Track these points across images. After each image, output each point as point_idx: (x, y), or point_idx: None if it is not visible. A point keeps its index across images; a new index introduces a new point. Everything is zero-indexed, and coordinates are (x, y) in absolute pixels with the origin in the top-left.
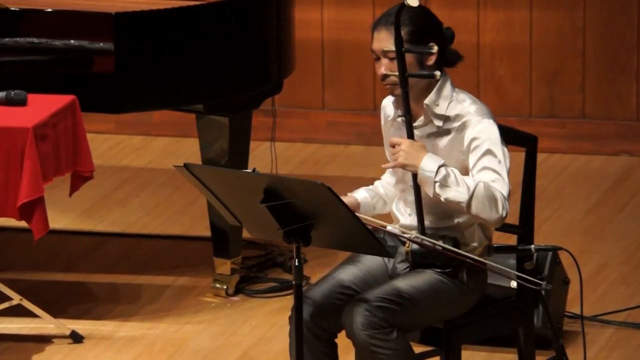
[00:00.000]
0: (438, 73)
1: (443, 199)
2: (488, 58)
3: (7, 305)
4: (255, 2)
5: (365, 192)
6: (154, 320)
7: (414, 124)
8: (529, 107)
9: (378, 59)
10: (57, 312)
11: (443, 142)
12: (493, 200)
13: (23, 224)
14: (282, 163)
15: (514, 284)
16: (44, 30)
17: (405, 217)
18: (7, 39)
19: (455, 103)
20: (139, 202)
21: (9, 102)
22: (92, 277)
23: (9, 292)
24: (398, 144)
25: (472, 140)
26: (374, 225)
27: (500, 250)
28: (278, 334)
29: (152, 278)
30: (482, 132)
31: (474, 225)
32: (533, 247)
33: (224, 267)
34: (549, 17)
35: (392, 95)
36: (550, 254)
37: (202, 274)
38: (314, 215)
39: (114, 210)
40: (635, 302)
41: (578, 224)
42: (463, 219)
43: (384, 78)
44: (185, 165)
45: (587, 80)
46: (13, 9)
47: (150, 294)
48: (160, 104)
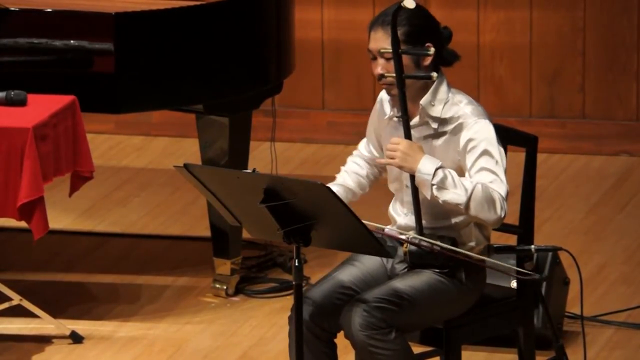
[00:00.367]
0: (435, 74)
1: (441, 201)
2: (488, 58)
3: (7, 306)
4: (255, 2)
5: (337, 187)
6: (154, 321)
7: (410, 124)
8: (529, 107)
9: (375, 59)
10: (57, 312)
11: (439, 142)
12: (491, 201)
13: (23, 224)
14: (282, 163)
15: (514, 284)
16: (44, 30)
17: (402, 217)
18: (7, 39)
19: (451, 105)
20: (139, 202)
21: (9, 102)
22: (91, 277)
23: (9, 292)
24: (396, 144)
25: (468, 141)
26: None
27: (500, 251)
28: (278, 334)
29: (152, 278)
30: (478, 132)
31: (471, 225)
32: (533, 247)
33: (224, 267)
34: (549, 17)
35: (388, 95)
36: (551, 254)
37: (202, 274)
38: (314, 216)
39: (114, 210)
40: (636, 302)
41: (578, 224)
42: (460, 219)
43: (381, 78)
44: (185, 166)
45: (587, 80)
46: (13, 9)
47: (150, 294)
48: (160, 104)
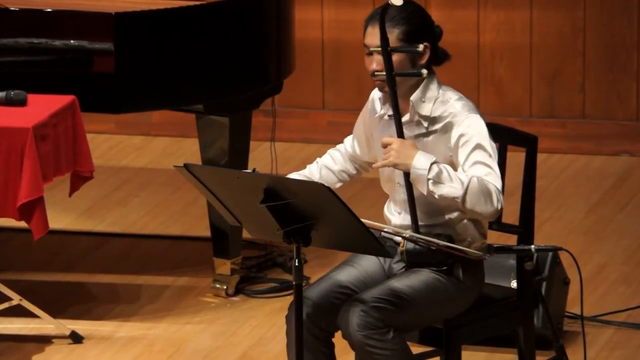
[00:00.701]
0: (424, 71)
1: (437, 196)
2: (488, 58)
3: (7, 306)
4: (255, 2)
5: (297, 176)
6: (154, 321)
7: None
8: (529, 107)
9: (370, 54)
10: (56, 312)
11: (429, 139)
12: (487, 194)
13: (23, 224)
14: (282, 163)
15: (514, 284)
16: (44, 30)
17: (396, 216)
18: (7, 39)
19: (440, 102)
20: (139, 202)
21: (9, 102)
22: (91, 277)
23: (9, 292)
24: (389, 144)
25: (460, 137)
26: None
27: (501, 251)
28: (278, 334)
29: (152, 278)
30: (470, 127)
31: (465, 221)
32: (533, 247)
33: (224, 267)
34: (549, 17)
35: (380, 91)
36: (551, 254)
37: (202, 274)
38: (314, 216)
39: (114, 210)
40: (636, 302)
41: (578, 224)
42: (454, 215)
43: (373, 74)
44: (185, 166)
45: (587, 80)
46: (13, 9)
47: (150, 294)
48: (160, 104)
